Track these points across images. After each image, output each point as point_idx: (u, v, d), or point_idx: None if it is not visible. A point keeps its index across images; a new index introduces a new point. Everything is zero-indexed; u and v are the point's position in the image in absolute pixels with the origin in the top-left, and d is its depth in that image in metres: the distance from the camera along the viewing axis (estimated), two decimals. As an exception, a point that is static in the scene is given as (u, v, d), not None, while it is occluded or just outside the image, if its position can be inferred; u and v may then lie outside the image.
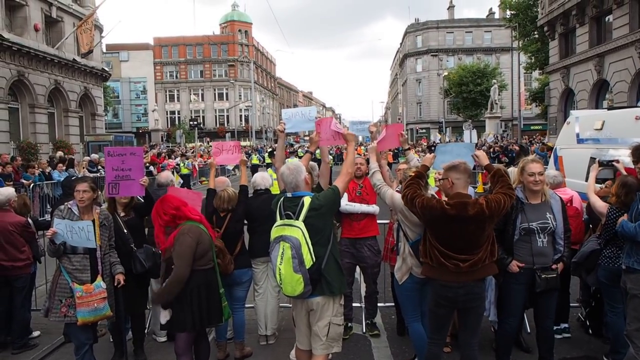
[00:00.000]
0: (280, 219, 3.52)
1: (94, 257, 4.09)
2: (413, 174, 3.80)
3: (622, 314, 4.24)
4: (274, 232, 3.50)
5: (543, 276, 3.88)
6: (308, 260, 3.31)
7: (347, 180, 3.75)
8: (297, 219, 3.40)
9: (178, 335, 3.91)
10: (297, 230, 3.35)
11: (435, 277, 3.62)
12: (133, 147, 7.85)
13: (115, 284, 4.23)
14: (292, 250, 3.31)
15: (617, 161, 4.93)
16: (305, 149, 5.00)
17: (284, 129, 4.53)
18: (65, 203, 4.28)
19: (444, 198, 3.72)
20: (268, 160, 26.81)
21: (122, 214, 4.76)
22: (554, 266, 3.95)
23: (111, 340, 4.98)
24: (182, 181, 19.75)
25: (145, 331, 5.14)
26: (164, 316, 3.84)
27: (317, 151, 4.69)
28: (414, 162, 4.58)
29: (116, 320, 4.44)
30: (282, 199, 3.62)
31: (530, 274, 3.90)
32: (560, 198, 4.15)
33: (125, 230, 4.63)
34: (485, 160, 3.86)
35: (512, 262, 3.91)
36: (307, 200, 3.45)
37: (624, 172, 4.69)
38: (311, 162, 4.68)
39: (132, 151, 4.65)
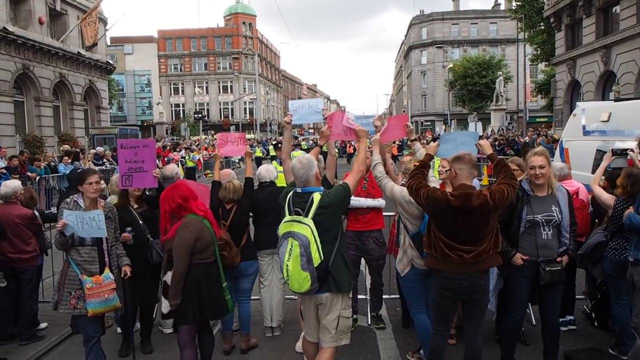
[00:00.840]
0: (289, 214, 3.46)
1: (100, 249, 4.11)
2: (417, 164, 3.78)
3: (628, 306, 4.23)
4: (283, 228, 3.45)
5: (547, 269, 3.86)
6: (316, 259, 3.27)
7: (359, 178, 3.69)
8: (306, 216, 3.34)
9: (180, 328, 3.94)
10: (306, 227, 3.29)
11: (439, 269, 3.61)
12: (146, 140, 7.91)
13: (122, 276, 4.25)
14: (301, 248, 3.26)
15: (632, 150, 4.86)
16: (311, 141, 4.98)
17: (291, 121, 4.52)
18: (71, 196, 4.27)
19: (448, 190, 3.71)
20: (273, 153, 26.79)
21: (136, 206, 4.80)
22: (558, 259, 3.93)
23: (119, 332, 5.02)
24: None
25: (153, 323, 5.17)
26: (166, 306, 3.88)
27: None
28: (420, 153, 4.55)
29: (124, 312, 4.47)
30: (291, 193, 3.55)
31: (535, 267, 3.89)
32: (567, 191, 4.11)
33: (141, 222, 4.68)
34: (488, 150, 3.84)
35: (516, 255, 3.90)
36: (316, 197, 3.38)
37: (638, 163, 4.63)
38: (317, 155, 4.68)
39: (145, 143, 4.69)
